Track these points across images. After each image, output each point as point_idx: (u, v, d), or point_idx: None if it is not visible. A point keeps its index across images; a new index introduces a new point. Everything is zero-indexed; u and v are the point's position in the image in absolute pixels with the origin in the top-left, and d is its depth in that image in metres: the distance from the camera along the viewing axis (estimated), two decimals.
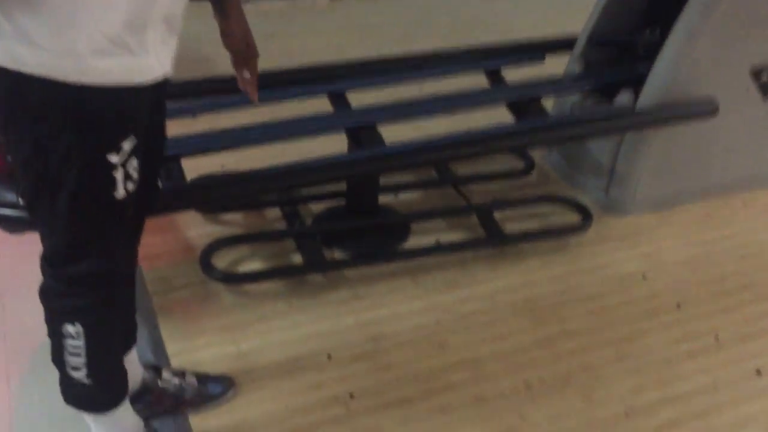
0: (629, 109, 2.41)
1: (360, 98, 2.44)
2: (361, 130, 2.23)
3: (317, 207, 2.52)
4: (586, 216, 2.47)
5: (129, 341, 1.68)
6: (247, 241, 2.34)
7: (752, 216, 2.64)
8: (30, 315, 2.00)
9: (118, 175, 1.24)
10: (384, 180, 2.55)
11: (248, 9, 1.54)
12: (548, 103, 2.68)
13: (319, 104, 2.40)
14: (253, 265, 2.27)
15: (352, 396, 1.85)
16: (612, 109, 2.47)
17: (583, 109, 2.61)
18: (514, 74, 2.65)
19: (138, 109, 1.25)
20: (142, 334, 1.96)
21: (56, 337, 1.39)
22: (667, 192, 2.62)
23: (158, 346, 1.97)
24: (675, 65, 2.36)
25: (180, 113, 2.22)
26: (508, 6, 4.60)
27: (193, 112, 2.27)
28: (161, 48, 1.23)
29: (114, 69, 1.16)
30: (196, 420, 1.76)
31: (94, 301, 1.36)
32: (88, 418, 1.53)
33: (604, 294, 2.24)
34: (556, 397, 1.87)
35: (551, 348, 2.03)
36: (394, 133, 2.26)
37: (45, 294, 1.37)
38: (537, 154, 2.86)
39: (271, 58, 1.98)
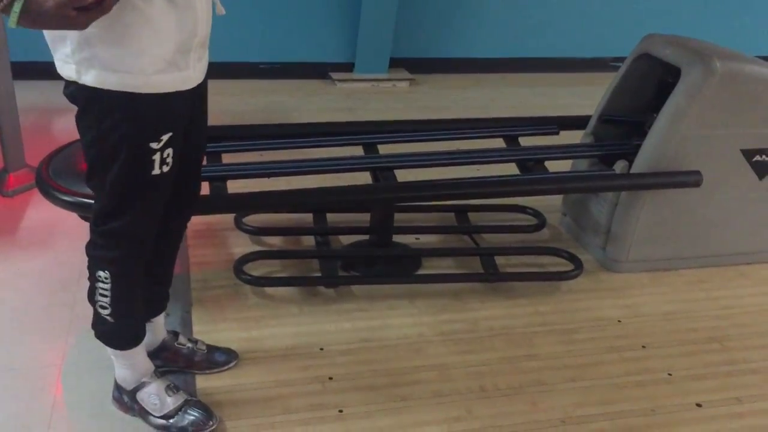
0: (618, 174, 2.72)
1: (392, 150, 2.89)
2: (381, 170, 2.66)
3: (345, 239, 2.94)
4: (578, 267, 2.75)
5: (159, 307, 2.13)
6: (278, 257, 2.78)
7: (744, 285, 2.83)
8: None
9: (156, 158, 1.69)
10: (407, 222, 2.96)
11: (334, 88, 2.00)
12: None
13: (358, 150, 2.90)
14: (278, 276, 2.70)
15: (330, 378, 2.21)
16: (601, 171, 2.79)
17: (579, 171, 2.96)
18: (528, 142, 3.03)
19: (178, 109, 1.70)
20: (175, 314, 2.43)
21: (92, 280, 1.84)
22: (662, 256, 2.86)
23: (186, 324, 2.41)
24: (663, 141, 2.67)
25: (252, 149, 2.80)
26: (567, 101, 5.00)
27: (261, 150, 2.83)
28: (197, 64, 1.70)
29: (167, 82, 1.62)
30: (200, 378, 2.16)
31: (122, 254, 1.80)
32: (111, 353, 1.96)
33: (578, 330, 2.50)
34: (504, 401, 2.15)
35: (514, 365, 2.31)
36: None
37: (89, 246, 1.83)
38: (553, 217, 3.18)
39: None
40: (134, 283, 1.88)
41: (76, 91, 1.60)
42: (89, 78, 1.56)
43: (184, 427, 1.96)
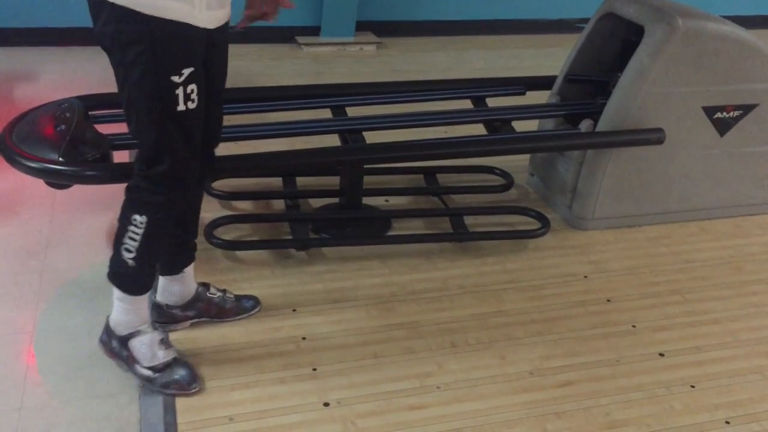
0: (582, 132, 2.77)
1: (360, 112, 2.90)
2: (349, 133, 2.68)
3: (315, 202, 2.96)
4: (545, 225, 2.80)
5: (190, 256, 2.17)
6: (248, 221, 2.79)
7: (704, 239, 2.92)
8: (64, 260, 2.51)
9: (180, 92, 1.71)
10: (377, 185, 2.98)
11: (300, 53, 1.99)
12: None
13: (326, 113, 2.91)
14: (249, 239, 2.71)
15: (304, 338, 2.24)
16: (566, 130, 2.83)
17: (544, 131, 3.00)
18: (496, 103, 3.06)
19: (195, 46, 1.72)
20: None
21: (124, 222, 1.86)
22: (626, 213, 2.92)
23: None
24: (627, 99, 2.71)
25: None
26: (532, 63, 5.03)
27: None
28: (205, 10, 1.71)
29: (178, 10, 1.65)
30: (175, 340, 2.17)
31: (163, 200, 1.83)
32: (117, 296, 1.96)
33: (545, 286, 2.56)
34: (474, 355, 2.21)
35: (483, 321, 2.37)
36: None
37: (130, 188, 1.86)
38: (521, 177, 3.22)
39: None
40: (165, 232, 1.94)
41: (102, 34, 1.67)
42: None
43: (167, 383, 1.99)
